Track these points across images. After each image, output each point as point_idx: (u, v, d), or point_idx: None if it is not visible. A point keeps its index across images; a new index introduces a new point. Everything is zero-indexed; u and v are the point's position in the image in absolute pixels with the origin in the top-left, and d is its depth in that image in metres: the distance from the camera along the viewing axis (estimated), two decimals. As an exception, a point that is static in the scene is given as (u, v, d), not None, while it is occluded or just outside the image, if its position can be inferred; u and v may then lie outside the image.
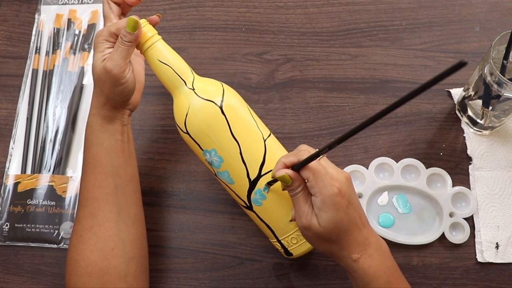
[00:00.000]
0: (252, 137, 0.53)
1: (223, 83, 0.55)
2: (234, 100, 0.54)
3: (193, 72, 0.55)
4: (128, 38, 0.50)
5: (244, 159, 0.52)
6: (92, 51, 0.72)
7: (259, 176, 0.53)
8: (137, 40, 0.51)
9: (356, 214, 0.46)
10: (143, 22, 0.52)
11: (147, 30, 0.52)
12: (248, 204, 0.54)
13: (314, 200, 0.46)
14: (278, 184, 0.52)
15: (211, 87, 0.53)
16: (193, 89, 0.53)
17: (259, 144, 0.53)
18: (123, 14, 0.56)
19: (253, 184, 0.53)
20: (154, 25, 0.54)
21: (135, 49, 0.53)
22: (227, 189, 0.56)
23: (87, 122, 0.54)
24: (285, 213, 0.53)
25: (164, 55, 0.53)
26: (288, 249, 0.55)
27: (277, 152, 0.54)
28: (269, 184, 0.52)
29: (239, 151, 0.52)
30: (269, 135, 0.55)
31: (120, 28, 0.51)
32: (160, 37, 0.53)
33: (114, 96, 0.52)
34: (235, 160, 0.52)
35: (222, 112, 0.52)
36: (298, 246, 0.55)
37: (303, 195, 0.47)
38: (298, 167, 0.47)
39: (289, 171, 0.47)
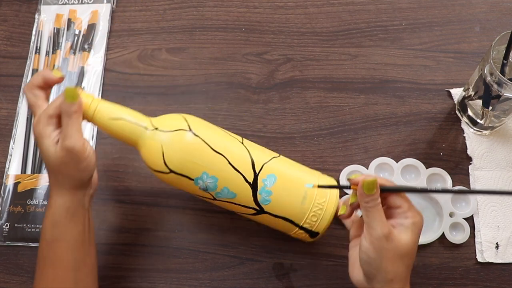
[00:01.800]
0: (232, 145, 0.53)
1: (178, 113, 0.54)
2: (199, 121, 0.53)
3: (146, 116, 0.53)
4: (73, 109, 0.48)
5: (236, 167, 0.52)
6: (92, 51, 0.72)
7: (256, 175, 0.52)
8: (82, 107, 0.49)
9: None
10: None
11: (84, 97, 0.50)
12: (258, 208, 0.53)
13: (403, 221, 0.46)
14: (282, 170, 0.52)
15: (172, 120, 0.52)
16: (157, 128, 0.51)
17: (240, 148, 0.53)
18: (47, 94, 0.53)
19: (254, 186, 0.52)
20: (59, 82, 0.51)
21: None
22: (229, 207, 0.55)
23: (46, 214, 0.51)
24: (296, 195, 0.52)
25: (113, 111, 0.51)
26: (313, 229, 0.54)
27: (257, 149, 0.54)
28: (320, 186, 0.52)
29: (227, 162, 0.51)
30: (243, 139, 0.55)
31: (57, 107, 0.48)
32: (99, 98, 0.51)
33: (80, 175, 0.49)
34: (228, 172, 0.51)
35: (196, 135, 0.51)
36: (321, 221, 0.53)
37: (380, 206, 0.47)
38: (387, 189, 0.47)
39: (380, 179, 0.47)
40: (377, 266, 0.45)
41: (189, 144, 0.51)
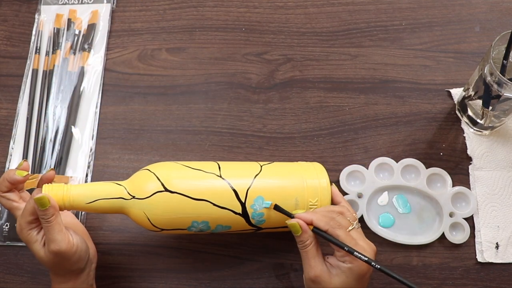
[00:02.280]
0: (210, 184, 0.52)
1: (146, 167, 0.54)
2: (169, 172, 0.52)
3: (117, 182, 0.52)
4: (49, 213, 0.48)
5: (221, 205, 0.51)
6: (92, 51, 0.72)
7: (243, 204, 0.52)
8: (57, 208, 0.49)
9: (366, 285, 0.48)
10: (45, 188, 0.49)
11: (53, 191, 0.49)
12: (255, 228, 0.54)
13: (339, 263, 0.47)
14: (267, 188, 0.52)
15: (144, 182, 0.51)
16: (134, 197, 0.51)
17: (220, 184, 0.52)
18: (19, 190, 0.54)
19: (244, 214, 0.52)
20: (50, 181, 0.52)
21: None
22: (230, 232, 0.55)
23: None
24: (287, 205, 0.52)
25: (86, 195, 0.50)
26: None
27: (237, 174, 0.53)
28: (276, 208, 0.52)
29: (211, 204, 0.51)
30: (219, 166, 0.54)
31: (33, 211, 0.48)
32: (66, 185, 0.51)
33: (77, 266, 0.51)
34: (216, 213, 0.51)
35: (172, 192, 0.51)
36: None
37: (313, 249, 0.48)
38: (321, 234, 0.48)
39: (301, 223, 0.48)
40: None
41: (169, 203, 0.51)
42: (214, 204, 0.51)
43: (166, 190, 0.51)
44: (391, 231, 0.61)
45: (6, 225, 0.64)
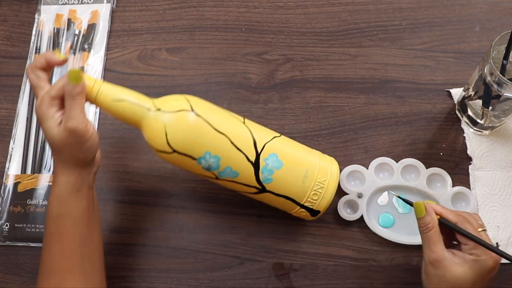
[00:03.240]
0: (234, 125, 0.54)
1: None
2: (201, 101, 0.54)
3: (149, 97, 0.53)
4: (77, 90, 0.48)
5: (238, 147, 0.52)
6: (92, 51, 0.72)
7: (258, 155, 0.53)
8: (85, 88, 0.49)
9: (489, 284, 0.48)
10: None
11: (87, 79, 0.50)
12: (260, 187, 0.54)
13: (465, 255, 0.47)
14: (283, 149, 0.54)
15: (174, 101, 0.53)
16: (160, 109, 0.51)
17: (242, 128, 0.54)
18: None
19: (256, 165, 0.53)
20: (61, 64, 0.52)
21: None
22: (232, 186, 0.55)
23: (52, 192, 0.51)
24: (297, 174, 0.53)
25: (116, 93, 0.51)
26: (314, 208, 0.55)
27: (259, 129, 0.55)
28: (404, 200, 0.54)
29: (229, 142, 0.52)
30: (244, 119, 0.56)
31: (60, 88, 0.49)
32: (101, 80, 0.52)
33: (84, 155, 0.50)
34: (231, 152, 0.52)
35: (198, 115, 0.52)
36: (322, 200, 0.54)
37: (435, 234, 0.48)
38: (450, 225, 0.48)
39: (428, 205, 0.49)
40: (426, 281, 0.49)
41: (192, 124, 0.51)
42: (232, 143, 0.52)
43: (193, 111, 0.52)
44: (391, 231, 0.61)
45: (6, 225, 0.64)
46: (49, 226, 0.52)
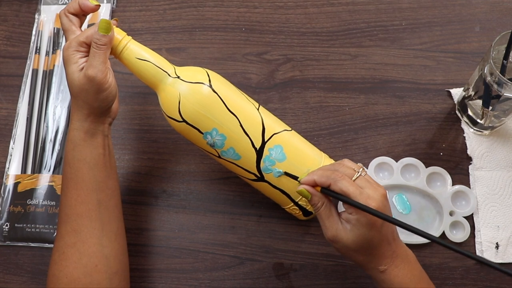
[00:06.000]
0: (247, 108, 0.54)
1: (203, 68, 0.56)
2: (220, 79, 0.55)
3: (171, 64, 0.55)
4: (103, 41, 0.50)
5: (246, 130, 0.53)
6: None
7: (264, 143, 0.53)
8: (112, 42, 0.51)
9: (389, 231, 0.47)
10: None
11: (117, 32, 0.52)
12: (259, 175, 0.54)
13: (348, 217, 0.46)
14: (290, 144, 0.54)
15: (195, 72, 0.54)
16: (179, 77, 0.53)
17: (254, 113, 0.54)
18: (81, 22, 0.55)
19: (259, 153, 0.53)
20: (94, 10, 0.54)
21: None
22: (232, 168, 0.56)
23: (67, 137, 0.53)
24: (298, 170, 0.53)
25: (141, 52, 0.53)
26: (307, 208, 0.56)
27: (271, 119, 0.55)
28: (287, 174, 0.53)
29: (239, 123, 0.53)
30: (259, 105, 0.56)
31: (90, 36, 0.50)
32: (130, 37, 0.53)
33: (99, 104, 0.51)
34: (237, 134, 0.53)
35: (214, 91, 0.52)
36: None
37: (325, 210, 0.48)
38: (328, 192, 0.47)
39: (309, 188, 0.48)
40: (344, 257, 0.50)
41: (206, 98, 0.52)
42: (241, 125, 0.53)
43: (210, 86, 0.52)
44: (391, 231, 0.61)
45: (6, 225, 0.64)
46: (66, 172, 0.53)
